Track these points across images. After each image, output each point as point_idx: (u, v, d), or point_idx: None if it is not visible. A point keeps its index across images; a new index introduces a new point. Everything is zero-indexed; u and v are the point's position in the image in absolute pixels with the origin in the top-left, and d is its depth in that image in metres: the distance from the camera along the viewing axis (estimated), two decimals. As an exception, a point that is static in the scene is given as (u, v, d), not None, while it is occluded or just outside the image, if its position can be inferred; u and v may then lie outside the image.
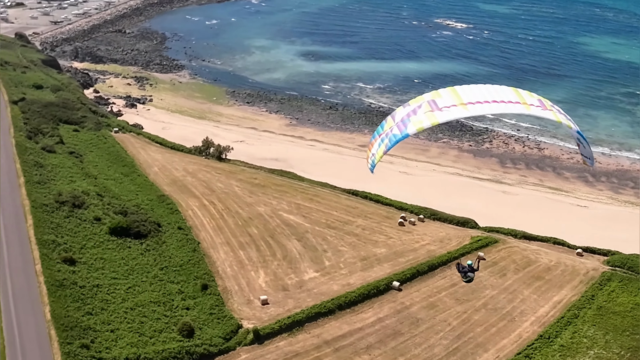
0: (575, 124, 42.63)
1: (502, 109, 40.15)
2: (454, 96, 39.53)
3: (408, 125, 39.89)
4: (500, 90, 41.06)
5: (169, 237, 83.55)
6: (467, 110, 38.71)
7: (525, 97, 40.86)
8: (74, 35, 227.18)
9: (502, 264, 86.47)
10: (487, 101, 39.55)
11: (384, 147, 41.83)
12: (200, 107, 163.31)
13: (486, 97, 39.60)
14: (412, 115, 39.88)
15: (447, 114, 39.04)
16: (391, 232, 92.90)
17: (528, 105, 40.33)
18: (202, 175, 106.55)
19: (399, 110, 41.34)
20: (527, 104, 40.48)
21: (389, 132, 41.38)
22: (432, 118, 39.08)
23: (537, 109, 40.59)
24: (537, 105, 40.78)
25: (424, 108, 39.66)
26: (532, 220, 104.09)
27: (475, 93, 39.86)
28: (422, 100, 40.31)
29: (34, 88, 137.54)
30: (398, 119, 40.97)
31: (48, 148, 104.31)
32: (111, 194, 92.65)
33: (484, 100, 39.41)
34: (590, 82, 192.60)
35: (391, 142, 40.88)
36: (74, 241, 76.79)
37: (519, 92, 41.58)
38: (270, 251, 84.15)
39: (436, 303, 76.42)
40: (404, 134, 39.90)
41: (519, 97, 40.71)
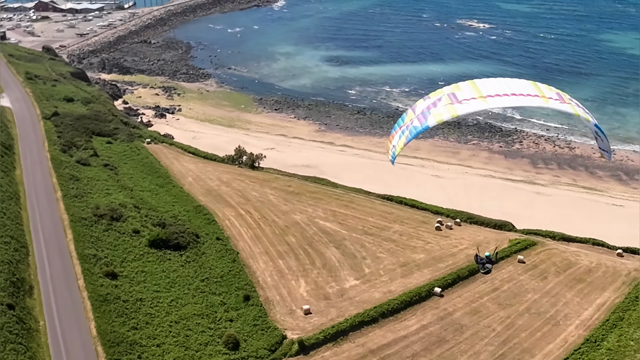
0: (593, 118, 43.01)
1: (521, 102, 40.77)
2: (474, 89, 40.51)
3: (428, 117, 41.04)
4: (519, 84, 41.74)
5: (208, 247, 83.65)
6: (487, 103, 39.71)
7: (544, 91, 41.25)
8: (100, 47, 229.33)
9: (543, 267, 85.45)
10: (506, 94, 40.26)
11: (404, 139, 42.83)
12: (229, 116, 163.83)
13: (505, 90, 40.32)
14: (432, 108, 41.03)
15: (467, 107, 40.02)
16: (429, 237, 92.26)
17: (547, 99, 40.79)
18: (236, 184, 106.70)
19: (419, 103, 42.34)
20: (545, 97, 40.94)
21: (409, 125, 42.53)
22: (452, 110, 40.15)
23: (555, 102, 41.10)
24: (556, 99, 41.26)
25: (444, 101, 40.84)
26: (569, 221, 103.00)
27: (494, 86, 40.67)
28: (442, 93, 41.46)
29: (64, 101, 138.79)
30: (418, 111, 42.10)
31: (83, 161, 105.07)
32: (148, 205, 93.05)
33: (503, 93, 40.13)
34: (616, 80, 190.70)
35: (412, 133, 42.04)
36: (114, 255, 77.13)
37: (538, 86, 42.02)
38: (309, 260, 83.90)
39: (479, 308, 75.60)
40: (424, 126, 41.02)
41: (538, 91, 41.17)
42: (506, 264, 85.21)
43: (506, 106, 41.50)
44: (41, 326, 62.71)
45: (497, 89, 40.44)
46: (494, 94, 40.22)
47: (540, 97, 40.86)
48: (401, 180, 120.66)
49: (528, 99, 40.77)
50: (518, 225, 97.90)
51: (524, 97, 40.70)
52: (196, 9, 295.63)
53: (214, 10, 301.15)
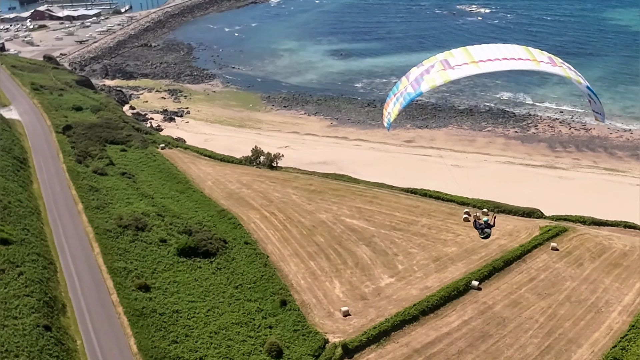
0: (585, 80, 43.12)
1: (513, 66, 40.74)
2: (466, 55, 40.77)
3: (421, 83, 41.51)
4: (510, 48, 41.95)
5: (237, 253, 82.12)
6: (479, 67, 39.96)
7: (535, 54, 41.49)
8: (101, 53, 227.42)
9: (577, 253, 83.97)
10: (498, 59, 40.56)
11: (399, 106, 43.57)
12: (239, 116, 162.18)
13: (497, 55, 40.62)
14: (425, 74, 41.44)
15: (459, 72, 40.38)
16: (458, 229, 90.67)
17: (538, 62, 41.19)
18: (257, 185, 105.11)
19: (413, 71, 42.75)
20: (537, 60, 41.27)
21: (403, 92, 43.15)
22: (444, 76, 40.56)
23: (546, 65, 41.59)
24: (547, 62, 41.67)
25: (437, 67, 41.15)
26: (595, 205, 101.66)
27: (486, 51, 41.02)
28: (435, 60, 41.69)
29: (73, 110, 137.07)
30: (412, 78, 42.62)
31: (99, 171, 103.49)
32: (171, 213, 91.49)
33: (495, 58, 40.46)
34: (623, 58, 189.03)
35: (405, 100, 42.69)
36: (144, 266, 75.62)
37: (530, 50, 42.24)
38: (340, 259, 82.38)
39: (519, 300, 74.12)
40: (417, 91, 41.71)
41: (529, 55, 41.43)
42: (540, 252, 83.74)
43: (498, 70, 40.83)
44: (79, 346, 61.16)
45: (489, 54, 40.95)
46: (485, 59, 40.67)
47: (531, 61, 41.30)
48: (421, 172, 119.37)
49: (520, 62, 41.08)
50: (545, 211, 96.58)
51: (515, 61, 41.04)
52: (193, 9, 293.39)
53: (211, 9, 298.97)
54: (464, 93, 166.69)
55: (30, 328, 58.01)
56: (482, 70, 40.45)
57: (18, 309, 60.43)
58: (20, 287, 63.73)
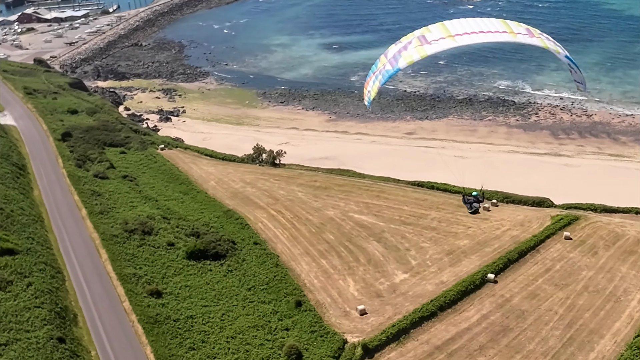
0: (564, 49, 43.66)
1: (490, 39, 41.51)
2: (443, 30, 41.62)
3: (399, 60, 42.45)
4: (487, 22, 42.46)
5: (247, 254, 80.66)
6: (455, 41, 40.82)
7: (512, 27, 42.02)
8: (92, 54, 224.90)
9: (591, 242, 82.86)
10: (475, 32, 41.22)
11: (378, 84, 44.46)
12: (236, 113, 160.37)
13: (474, 29, 41.24)
14: (403, 51, 42.51)
15: (436, 46, 41.36)
16: (468, 221, 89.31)
17: (515, 34, 41.83)
18: (261, 184, 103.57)
19: (391, 48, 43.60)
20: (514, 32, 41.89)
21: (382, 69, 43.88)
22: (421, 51, 41.67)
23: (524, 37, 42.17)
24: (525, 34, 42.28)
25: (414, 43, 42.22)
26: (604, 191, 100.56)
27: (463, 25, 41.66)
28: (412, 36, 42.59)
29: (69, 113, 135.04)
30: (390, 55, 43.39)
31: (100, 175, 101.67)
32: (177, 215, 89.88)
33: (472, 32, 41.14)
34: (619, 42, 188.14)
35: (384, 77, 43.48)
36: (153, 271, 74.13)
37: (507, 23, 42.82)
38: (352, 256, 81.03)
39: (536, 292, 72.94)
40: (395, 68, 42.69)
41: (506, 27, 41.99)
42: (553, 242, 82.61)
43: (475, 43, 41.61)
44: (93, 356, 59.64)
45: (466, 28, 41.28)
46: (462, 32, 41.13)
47: (508, 33, 41.79)
48: (424, 164, 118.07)
49: (497, 35, 41.60)
50: (554, 200, 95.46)
51: (492, 33, 41.52)
52: (182, 7, 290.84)
53: (200, 6, 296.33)
54: (461, 82, 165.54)
55: (44, 341, 56.46)
56: (459, 43, 41.11)
57: (30, 322, 58.85)
58: (30, 299, 62.11)
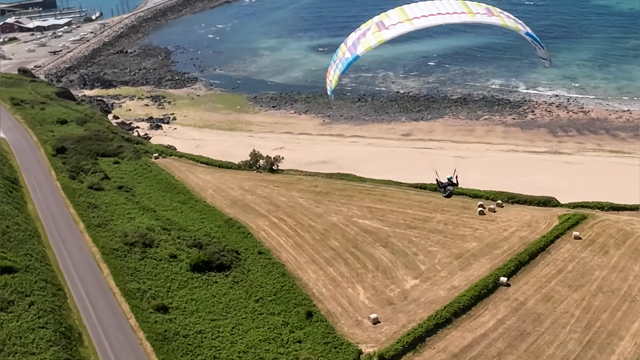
0: (525, 26, 43.29)
1: (447, 20, 40.46)
2: (401, 14, 40.60)
3: (358, 47, 41.53)
4: (446, 3, 41.41)
5: (252, 264, 78.60)
6: (412, 24, 39.94)
7: (471, 7, 41.05)
8: (77, 63, 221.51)
9: (601, 241, 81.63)
10: (432, 14, 40.30)
11: (338, 72, 43.56)
12: (227, 119, 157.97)
13: (431, 11, 40.36)
14: (362, 38, 41.40)
15: (393, 31, 40.33)
16: (475, 223, 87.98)
17: (473, 14, 40.96)
18: (260, 191, 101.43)
19: (351, 36, 42.53)
20: (472, 12, 40.98)
21: (342, 57, 43.09)
22: (378, 37, 40.61)
23: (482, 16, 41.35)
24: (484, 13, 41.40)
25: (372, 29, 41.08)
26: (609, 189, 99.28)
27: (421, 8, 40.76)
28: (371, 22, 41.32)
29: (58, 124, 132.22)
30: (350, 43, 42.49)
31: (95, 186, 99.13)
32: (177, 226, 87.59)
33: (429, 14, 40.25)
34: (611, 38, 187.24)
35: (344, 65, 42.78)
36: (157, 285, 71.87)
37: (466, 4, 41.81)
38: (360, 263, 79.20)
39: (550, 294, 71.53)
40: (354, 55, 41.74)
41: (465, 8, 41.07)
42: (563, 242, 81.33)
43: (432, 25, 40.60)
44: (102, 377, 57.46)
45: (423, 11, 40.73)
46: (419, 15, 40.54)
47: (467, 14, 41.07)
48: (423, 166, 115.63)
49: (454, 16, 40.91)
50: (558, 198, 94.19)
51: (450, 15, 40.80)
52: (166, 12, 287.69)
53: (184, 11, 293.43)
54: (454, 82, 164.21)
55: (51, 363, 54.12)
56: (416, 26, 40.32)
57: (35, 343, 56.48)
58: (33, 319, 59.69)
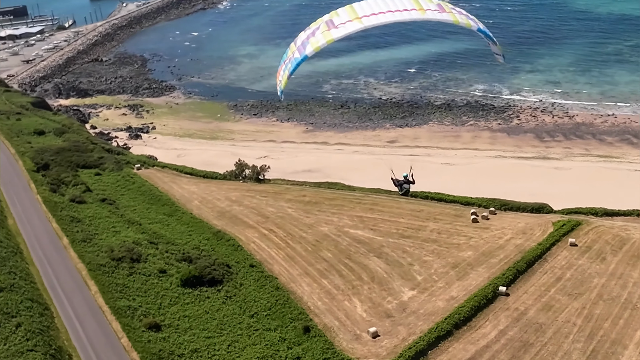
0: (478, 23, 42.48)
1: (397, 18, 39.86)
2: (350, 12, 39.95)
3: (307, 46, 40.86)
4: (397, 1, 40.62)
5: (244, 277, 76.34)
6: (362, 23, 39.16)
7: (422, 3, 40.34)
8: (51, 72, 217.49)
9: (597, 247, 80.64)
10: (382, 12, 39.52)
11: (287, 72, 42.98)
12: (208, 127, 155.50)
13: (381, 8, 39.61)
14: (311, 37, 40.75)
15: (342, 30, 39.59)
16: (469, 232, 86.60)
17: (424, 11, 40.14)
18: (247, 201, 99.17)
19: (300, 35, 41.97)
20: (423, 9, 40.14)
21: (291, 57, 42.46)
22: (327, 36, 39.93)
23: (433, 13, 40.39)
24: (435, 9, 40.51)
25: (322, 28, 40.39)
26: (600, 194, 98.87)
27: (371, 6, 40.01)
28: (321, 21, 40.71)
29: (36, 135, 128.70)
30: (299, 43, 41.87)
31: (77, 199, 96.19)
32: (164, 239, 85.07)
33: (379, 12, 39.45)
34: (589, 43, 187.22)
35: (293, 65, 42.20)
36: (148, 302, 69.37)
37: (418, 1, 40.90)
38: (354, 275, 77.31)
39: (550, 303, 70.23)
40: (302, 56, 41.06)
41: (416, 4, 40.30)
42: (559, 249, 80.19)
43: (382, 23, 39.75)
44: (95, 401, 54.83)
45: (374, 8, 39.86)
46: (369, 13, 39.69)
47: (417, 10, 40.19)
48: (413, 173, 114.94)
49: (405, 13, 40.03)
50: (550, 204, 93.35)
51: (400, 12, 39.95)
52: (141, 20, 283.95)
53: (159, 19, 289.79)
54: (437, 88, 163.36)
55: (43, 389, 51.48)
56: (365, 25, 39.49)
57: (24, 368, 53.73)
58: (21, 342, 56.89)
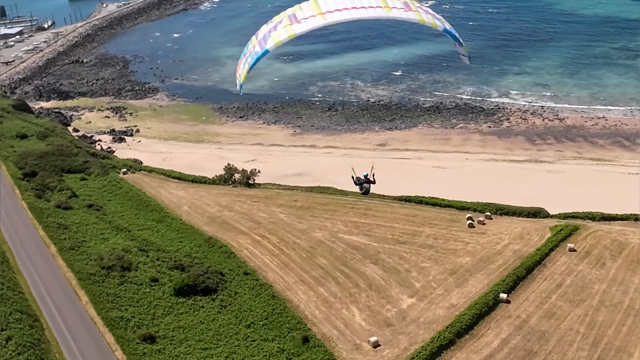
0: (444, 23, 41.46)
1: (361, 15, 39.28)
2: (314, 7, 39.46)
3: (268, 40, 40.47)
4: None
5: (239, 286, 74.41)
6: (325, 19, 38.71)
7: (388, 1, 39.65)
8: (31, 74, 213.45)
9: (596, 253, 79.76)
10: (347, 8, 39.04)
11: (247, 66, 42.46)
12: (194, 130, 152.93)
13: (346, 5, 39.12)
14: (273, 31, 40.33)
15: (305, 25, 39.20)
16: (465, 237, 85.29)
17: (390, 9, 39.47)
18: (238, 206, 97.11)
19: (262, 28, 41.57)
20: (388, 7, 39.48)
21: (252, 51, 41.98)
22: (289, 31, 39.58)
23: (399, 11, 39.71)
24: (400, 8, 39.80)
25: (284, 22, 39.95)
26: (595, 198, 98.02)
27: (335, 2, 39.38)
28: (284, 15, 40.31)
29: (18, 139, 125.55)
30: (260, 36, 41.37)
31: (63, 205, 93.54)
32: (154, 246, 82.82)
33: (343, 8, 38.99)
34: (576, 45, 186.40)
35: (253, 59, 41.82)
36: (141, 312, 67.20)
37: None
38: (351, 282, 75.71)
39: (552, 310, 69.14)
40: (263, 50, 40.60)
41: (382, 2, 39.62)
42: (558, 255, 79.23)
43: (346, 20, 39.12)
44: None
45: (338, 4, 39.22)
46: (333, 9, 39.01)
47: (382, 8, 39.50)
48: (403, 177, 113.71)
49: (369, 11, 39.32)
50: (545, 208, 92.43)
51: (365, 9, 39.29)
52: (122, 20, 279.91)
53: (140, 19, 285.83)
54: (425, 90, 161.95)
55: (35, 407, 49.17)
56: (328, 21, 38.86)
57: (16, 384, 51.40)
58: (12, 356, 54.64)
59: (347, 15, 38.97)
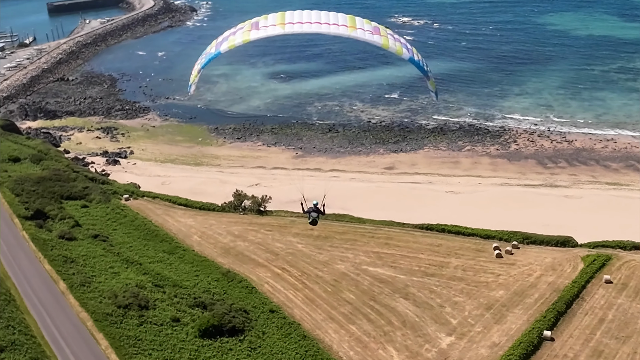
0: (414, 54, 40.76)
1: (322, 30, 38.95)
2: (279, 18, 39.68)
3: (223, 44, 41.05)
4: (332, 15, 39.68)
5: (266, 325, 69.96)
6: (284, 29, 39.01)
7: (357, 23, 39.07)
8: (15, 92, 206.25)
9: (633, 284, 76.97)
10: (309, 22, 38.84)
11: (199, 67, 43.90)
12: (190, 152, 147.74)
13: (311, 19, 38.98)
14: (231, 35, 40.82)
15: (262, 32, 39.56)
16: (495, 268, 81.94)
17: (355, 29, 38.95)
18: (252, 236, 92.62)
19: (226, 32, 42.10)
20: (354, 27, 38.92)
21: (208, 52, 42.78)
22: (245, 36, 39.95)
23: (364, 33, 39.02)
24: (367, 30, 39.15)
25: (245, 28, 40.16)
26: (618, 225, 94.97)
27: (303, 15, 39.49)
28: (248, 22, 40.28)
29: (10, 162, 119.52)
30: (220, 39, 41.99)
31: (67, 235, 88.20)
32: (170, 281, 77.93)
33: (306, 21, 39.09)
34: (574, 65, 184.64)
35: (206, 59, 42.80)
36: (165, 356, 62.52)
37: (354, 19, 39.64)
38: (383, 319, 71.75)
39: (599, 347, 65.98)
40: (216, 52, 41.48)
41: (350, 22, 39.08)
42: (595, 287, 76.26)
43: (304, 32, 39.13)
44: None
45: (304, 18, 39.33)
46: (295, 21, 39.16)
47: (347, 27, 39.16)
48: (416, 202, 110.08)
49: (332, 28, 39.09)
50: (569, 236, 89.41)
51: (328, 25, 39.05)
52: (106, 37, 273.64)
53: (125, 36, 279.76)
54: (426, 111, 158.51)
55: None
56: (286, 31, 39.20)
57: None
58: (35, 415, 49.49)
59: (306, 29, 38.90)
